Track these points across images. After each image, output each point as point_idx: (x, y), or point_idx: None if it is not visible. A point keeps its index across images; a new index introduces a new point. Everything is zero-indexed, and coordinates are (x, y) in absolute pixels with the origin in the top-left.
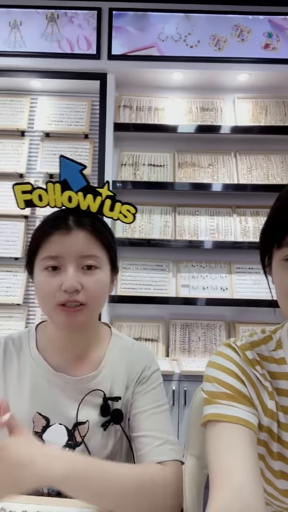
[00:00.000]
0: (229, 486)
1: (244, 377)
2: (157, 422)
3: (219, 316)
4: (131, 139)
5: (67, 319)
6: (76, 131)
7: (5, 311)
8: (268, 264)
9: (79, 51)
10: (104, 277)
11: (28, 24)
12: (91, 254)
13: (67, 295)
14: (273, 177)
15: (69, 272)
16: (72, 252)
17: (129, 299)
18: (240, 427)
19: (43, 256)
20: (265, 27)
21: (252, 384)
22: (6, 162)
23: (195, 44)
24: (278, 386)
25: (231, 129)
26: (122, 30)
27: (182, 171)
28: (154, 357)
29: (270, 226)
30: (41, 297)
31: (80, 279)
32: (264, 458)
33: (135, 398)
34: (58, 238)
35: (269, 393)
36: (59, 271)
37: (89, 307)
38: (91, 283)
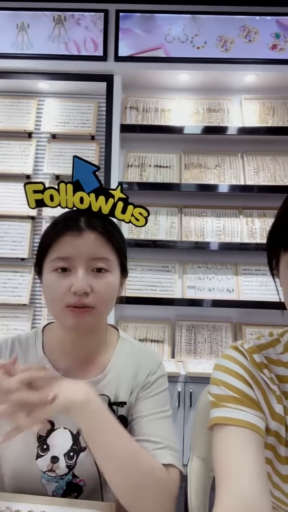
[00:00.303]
0: (235, 490)
1: (251, 381)
2: (158, 428)
3: (225, 317)
4: (137, 140)
5: (75, 320)
6: (83, 133)
7: (12, 311)
8: (276, 267)
9: (86, 53)
10: (114, 280)
11: (36, 26)
12: (102, 256)
13: (76, 297)
14: (280, 178)
15: (79, 274)
16: (83, 254)
17: (135, 300)
18: (247, 430)
19: (53, 257)
20: (272, 28)
21: (260, 387)
22: (13, 163)
23: (202, 45)
24: (286, 389)
25: (238, 130)
26: (129, 32)
27: (189, 172)
28: (161, 362)
29: (278, 229)
30: (50, 298)
31: (90, 281)
32: (272, 462)
33: (137, 402)
34: (69, 239)
35: (277, 397)
36: (69, 273)
37: (98, 310)
38: (101, 286)
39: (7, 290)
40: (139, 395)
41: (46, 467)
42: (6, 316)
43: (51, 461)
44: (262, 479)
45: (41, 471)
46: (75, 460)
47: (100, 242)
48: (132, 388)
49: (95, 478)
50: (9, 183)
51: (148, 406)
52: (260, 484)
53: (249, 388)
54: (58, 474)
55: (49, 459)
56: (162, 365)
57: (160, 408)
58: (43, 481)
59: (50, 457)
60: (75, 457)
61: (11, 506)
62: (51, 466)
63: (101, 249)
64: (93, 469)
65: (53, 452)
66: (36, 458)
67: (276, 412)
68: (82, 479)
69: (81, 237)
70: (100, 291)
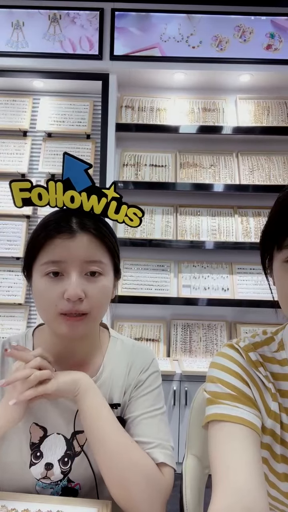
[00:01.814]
0: (231, 486)
1: (248, 379)
2: (149, 427)
3: (220, 316)
4: (133, 140)
5: (69, 329)
6: (78, 132)
7: (7, 311)
8: (269, 266)
9: (82, 52)
10: (108, 284)
11: (31, 24)
12: (96, 259)
13: (70, 304)
14: (275, 178)
15: (73, 279)
16: (76, 258)
17: (130, 299)
18: (243, 427)
19: (44, 261)
20: (267, 28)
21: (256, 385)
22: (8, 162)
23: (197, 45)
24: (280, 387)
25: (233, 130)
26: (124, 31)
27: (184, 171)
28: (153, 358)
29: (271, 228)
30: (41, 305)
31: (83, 286)
32: (268, 461)
33: (130, 402)
34: (60, 242)
35: (272, 394)
36: (61, 277)
37: (92, 316)
38: (95, 291)
39: (2, 290)
40: (132, 395)
41: (40, 475)
42: (1, 316)
43: (45, 468)
44: (259, 476)
45: (35, 479)
46: (70, 465)
47: (94, 244)
48: (126, 388)
49: (90, 481)
50: (4, 182)
51: (140, 406)
52: (257, 481)
53: (245, 386)
54: (53, 480)
55: (43, 467)
56: (155, 361)
57: (153, 407)
58: (38, 489)
59: (44, 464)
60: (70, 463)
61: (7, 504)
62: (45, 473)
63: (95, 251)
64: (89, 472)
65: (47, 459)
66: (29, 466)
67: (272, 410)
68: (78, 483)
69: (74, 240)
70: (95, 296)
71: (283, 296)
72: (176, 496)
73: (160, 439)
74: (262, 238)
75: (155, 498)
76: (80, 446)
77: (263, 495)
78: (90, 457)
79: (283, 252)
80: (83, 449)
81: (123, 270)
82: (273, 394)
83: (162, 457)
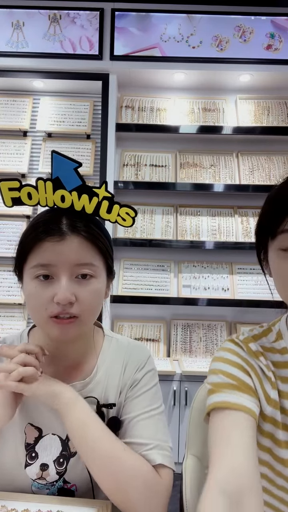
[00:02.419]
0: (228, 465)
1: (249, 368)
2: (146, 428)
3: (220, 316)
4: (133, 140)
5: (59, 332)
6: (78, 132)
7: (7, 311)
8: (264, 258)
9: (82, 52)
10: (100, 286)
11: (31, 24)
12: (87, 262)
13: (60, 307)
14: (275, 178)
15: (62, 283)
16: (66, 261)
17: (130, 299)
18: (243, 414)
19: (33, 264)
20: (267, 28)
21: (257, 375)
22: (8, 162)
23: (197, 45)
24: (281, 374)
25: (233, 130)
26: (125, 31)
27: (184, 171)
28: (149, 356)
29: (265, 218)
30: (32, 308)
31: (74, 290)
32: (271, 450)
33: (126, 403)
34: (50, 245)
35: (272, 383)
36: (51, 281)
37: (82, 320)
38: (86, 295)
39: (2, 290)
40: (127, 395)
41: (35, 475)
42: (1, 316)
43: (41, 468)
44: (255, 461)
45: (31, 480)
46: (65, 466)
47: (84, 247)
48: (121, 387)
49: (87, 482)
50: None
51: (136, 407)
52: (253, 465)
53: (247, 375)
54: (48, 481)
55: (39, 467)
56: (150, 359)
57: (150, 407)
58: (34, 489)
59: (39, 464)
60: (65, 463)
61: (7, 504)
62: (41, 474)
63: (86, 254)
64: (85, 473)
65: (42, 460)
66: (25, 467)
67: (271, 397)
68: (74, 484)
69: (64, 243)
70: (85, 300)
71: (281, 283)
72: (176, 496)
73: (158, 440)
74: (257, 230)
75: (154, 501)
76: (71, 439)
77: (258, 478)
78: None
79: (278, 240)
80: None
81: (123, 270)
82: (273, 382)
83: (160, 459)
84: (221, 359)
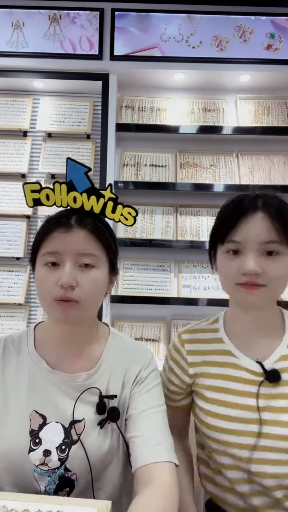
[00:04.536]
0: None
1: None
2: (152, 424)
3: None
4: (133, 140)
5: (61, 313)
6: (78, 132)
7: (7, 311)
8: (213, 256)
9: (82, 52)
10: (100, 276)
11: (31, 24)
12: (89, 252)
13: (63, 290)
14: (275, 178)
15: (66, 268)
16: (71, 249)
17: (130, 299)
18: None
19: (43, 252)
20: (267, 28)
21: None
22: (8, 162)
23: (197, 45)
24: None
25: (233, 130)
26: (125, 31)
27: (184, 171)
28: (152, 356)
29: (218, 229)
30: (40, 292)
31: (76, 275)
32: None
33: (132, 399)
34: (58, 235)
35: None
36: (57, 267)
37: (83, 305)
38: (86, 281)
39: (2, 290)
40: (133, 391)
41: (38, 461)
42: (1, 316)
43: (43, 454)
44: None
45: (34, 465)
46: (67, 453)
47: (88, 239)
48: (124, 382)
49: (87, 472)
50: (4, 182)
51: (142, 403)
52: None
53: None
54: (50, 467)
55: (42, 453)
56: (153, 359)
57: (154, 403)
58: (36, 475)
59: (42, 450)
60: (67, 450)
61: (7, 504)
62: (43, 459)
63: (89, 245)
64: (85, 462)
65: (45, 446)
66: (28, 452)
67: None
68: (74, 473)
69: (70, 233)
70: (85, 285)
71: (226, 278)
72: None
73: (162, 436)
74: (211, 237)
75: (174, 501)
76: (77, 434)
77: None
78: (86, 446)
79: (225, 246)
80: (80, 438)
81: (122, 270)
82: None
83: (167, 456)
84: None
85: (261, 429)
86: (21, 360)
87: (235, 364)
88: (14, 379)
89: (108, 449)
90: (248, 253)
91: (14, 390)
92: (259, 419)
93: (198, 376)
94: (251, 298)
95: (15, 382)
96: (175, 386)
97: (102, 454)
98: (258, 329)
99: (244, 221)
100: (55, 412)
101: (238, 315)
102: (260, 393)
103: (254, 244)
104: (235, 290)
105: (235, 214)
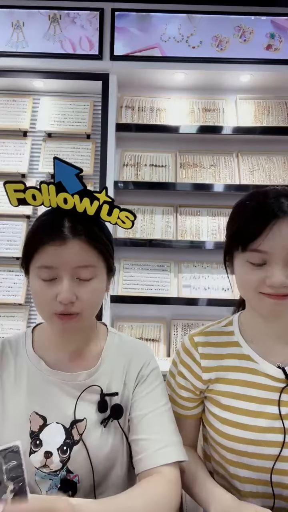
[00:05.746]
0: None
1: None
2: (158, 425)
3: (221, 316)
4: (133, 140)
5: (62, 327)
6: (78, 132)
7: (7, 311)
8: (229, 260)
9: (82, 52)
10: (100, 285)
11: (31, 24)
12: (87, 264)
13: (62, 306)
14: (275, 178)
15: (64, 284)
16: (68, 264)
17: (130, 299)
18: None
19: (37, 265)
20: (267, 28)
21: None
22: (8, 162)
23: (197, 45)
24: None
25: (233, 130)
26: (125, 31)
27: (184, 171)
28: (152, 354)
29: (238, 234)
30: (37, 304)
31: (75, 290)
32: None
33: (135, 400)
34: (52, 249)
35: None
36: (54, 281)
37: (84, 316)
38: (87, 294)
39: (2, 290)
40: (135, 391)
41: (39, 463)
42: (1, 316)
43: (45, 456)
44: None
45: (35, 468)
46: (69, 454)
47: (85, 250)
48: (125, 379)
49: (89, 473)
50: (3, 182)
51: (146, 405)
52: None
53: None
54: (52, 469)
55: (42, 455)
56: (154, 358)
57: (158, 404)
58: (37, 479)
59: (43, 452)
60: (69, 451)
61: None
62: (45, 461)
63: (87, 257)
64: (87, 463)
65: (46, 447)
66: (29, 455)
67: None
68: (76, 475)
69: (65, 246)
70: (86, 298)
71: (246, 285)
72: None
73: (169, 436)
74: (229, 239)
75: (176, 497)
76: (79, 434)
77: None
78: (88, 446)
79: (247, 254)
80: (82, 438)
81: (122, 270)
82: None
83: (175, 456)
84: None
85: (286, 438)
86: (19, 362)
87: (254, 370)
88: (13, 382)
89: (111, 449)
90: (275, 264)
91: (13, 393)
92: (283, 428)
93: (212, 381)
94: (278, 308)
95: (14, 385)
96: (186, 392)
97: (104, 454)
98: (278, 334)
99: (271, 228)
100: (56, 413)
101: (256, 319)
102: (282, 400)
103: (283, 255)
104: (257, 299)
105: (260, 219)
